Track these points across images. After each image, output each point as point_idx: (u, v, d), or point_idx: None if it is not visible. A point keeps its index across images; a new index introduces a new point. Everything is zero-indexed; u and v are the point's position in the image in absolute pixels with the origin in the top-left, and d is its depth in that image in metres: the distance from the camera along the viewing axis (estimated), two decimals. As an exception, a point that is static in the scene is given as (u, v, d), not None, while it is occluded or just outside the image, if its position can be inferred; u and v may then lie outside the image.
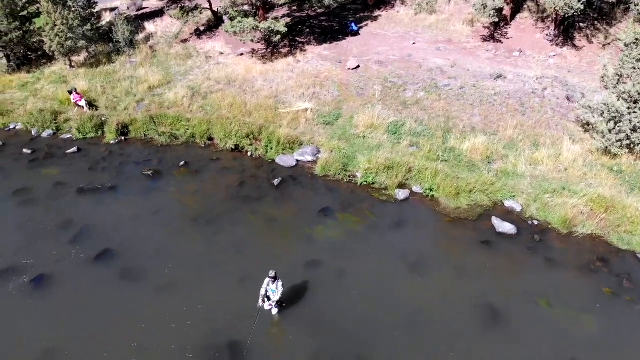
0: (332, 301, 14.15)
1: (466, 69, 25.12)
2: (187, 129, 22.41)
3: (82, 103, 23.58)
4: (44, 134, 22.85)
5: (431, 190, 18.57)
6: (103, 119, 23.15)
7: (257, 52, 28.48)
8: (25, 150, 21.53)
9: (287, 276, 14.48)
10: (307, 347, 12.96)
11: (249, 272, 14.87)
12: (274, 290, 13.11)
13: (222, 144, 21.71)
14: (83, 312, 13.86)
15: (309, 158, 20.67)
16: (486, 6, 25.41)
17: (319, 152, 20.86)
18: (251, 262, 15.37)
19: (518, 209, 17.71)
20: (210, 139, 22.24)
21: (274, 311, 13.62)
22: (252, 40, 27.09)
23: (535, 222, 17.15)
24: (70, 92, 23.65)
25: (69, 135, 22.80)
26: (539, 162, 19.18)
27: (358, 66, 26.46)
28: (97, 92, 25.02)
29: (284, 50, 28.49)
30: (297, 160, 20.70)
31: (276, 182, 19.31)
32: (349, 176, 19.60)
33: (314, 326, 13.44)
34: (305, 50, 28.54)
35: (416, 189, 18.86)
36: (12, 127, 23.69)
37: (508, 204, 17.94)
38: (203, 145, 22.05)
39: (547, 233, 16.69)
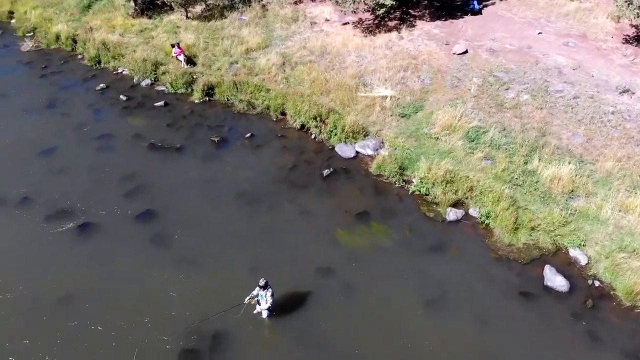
0: (330, 317, 13.61)
1: (590, 75, 21.16)
2: (264, 100, 22.45)
3: (181, 58, 24.79)
4: (143, 83, 24.66)
5: (487, 217, 16.43)
6: (195, 76, 24.16)
7: (363, 22, 27.02)
8: (121, 97, 23.53)
9: (293, 279, 14.30)
10: (287, 355, 12.80)
11: (261, 263, 14.89)
12: (262, 296, 12.95)
13: (292, 121, 21.44)
14: (105, 265, 15.21)
15: (369, 152, 19.51)
16: (631, 3, 20.65)
17: (381, 146, 19.57)
18: (268, 254, 15.35)
19: (582, 261, 14.96)
20: (283, 113, 22.04)
21: (264, 314, 13.49)
22: (354, 12, 25.75)
23: (597, 284, 14.39)
24: (173, 46, 24.94)
25: (162, 88, 24.32)
26: (630, 210, 15.79)
27: (465, 51, 23.79)
28: (199, 48, 26.01)
29: (392, 24, 26.61)
30: (357, 152, 19.68)
31: (326, 172, 18.64)
32: (403, 181, 18.15)
33: (301, 338, 13.14)
34: (414, 26, 26.35)
35: (473, 211, 16.84)
36: (120, 70, 25.90)
37: (573, 253, 15.22)
38: (274, 119, 21.98)
39: (604, 300, 13.94)
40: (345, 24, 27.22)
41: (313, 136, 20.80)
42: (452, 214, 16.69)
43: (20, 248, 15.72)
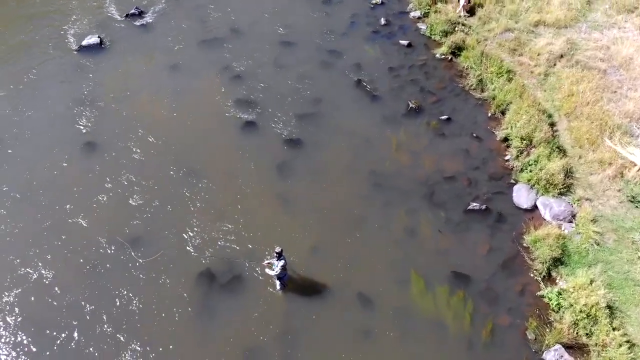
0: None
1: None
2: (495, 89, 18.41)
3: (462, 3, 21.80)
4: (412, 14, 22.87)
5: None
6: (457, 28, 21.18)
7: None
8: (382, 20, 22.41)
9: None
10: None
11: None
12: (275, 265, 12.46)
13: (503, 126, 17.28)
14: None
15: (548, 216, 14.53)
16: None
17: (570, 219, 14.27)
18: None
19: None
20: (503, 113, 17.83)
21: (277, 286, 13.03)
22: None
23: None
24: (461, -11, 22.01)
25: (422, 27, 22.18)
26: None
27: None
28: (499, 0, 22.19)
29: None
30: (535, 207, 14.93)
31: (474, 206, 15.03)
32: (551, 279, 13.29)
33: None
34: None
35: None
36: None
37: None
38: (489, 115, 18.07)
39: None
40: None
41: (507, 157, 16.55)
42: (552, 356, 11.77)
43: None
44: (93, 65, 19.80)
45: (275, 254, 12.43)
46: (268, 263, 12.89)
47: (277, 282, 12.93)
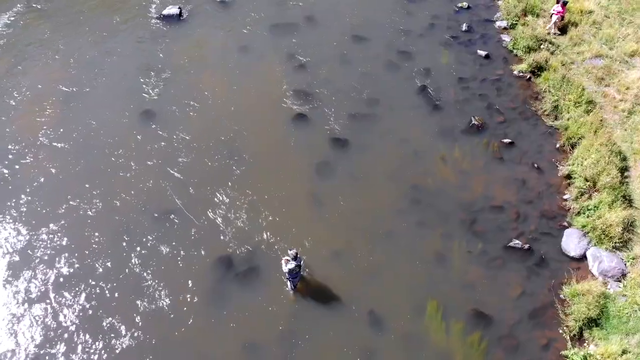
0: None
1: None
2: (570, 118, 16.78)
3: (554, 19, 19.98)
4: (498, 22, 21.30)
5: None
6: (542, 46, 19.45)
7: None
8: (463, 25, 21.15)
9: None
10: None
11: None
12: (287, 264, 12.30)
13: (569, 162, 15.77)
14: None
15: (595, 270, 13.14)
16: None
17: (618, 278, 12.80)
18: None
19: None
20: (573, 146, 16.23)
21: (288, 285, 12.86)
22: None
23: None
24: (558, 1, 20.09)
25: (506, 39, 20.64)
26: None
27: None
28: (589, 20, 20.09)
29: None
30: (584, 258, 13.53)
31: (515, 243, 13.91)
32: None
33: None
34: None
35: None
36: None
37: None
38: (558, 147, 16.54)
39: None
40: None
41: (566, 196, 15.11)
42: None
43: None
44: (168, 35, 20.44)
45: (290, 255, 12.23)
46: (286, 259, 12.73)
47: (288, 282, 12.76)
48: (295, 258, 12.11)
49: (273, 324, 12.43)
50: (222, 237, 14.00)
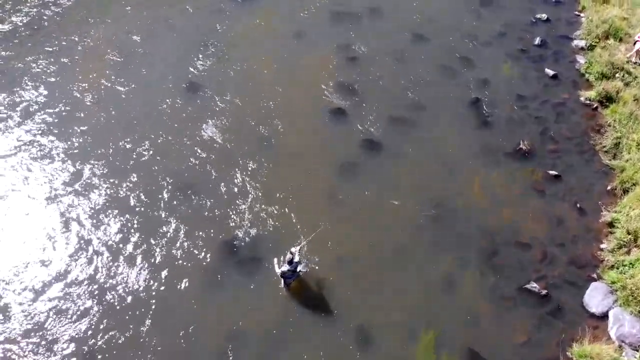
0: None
1: None
2: (629, 160, 15.18)
3: (637, 47, 17.97)
4: (576, 42, 19.64)
5: None
6: (617, 75, 17.56)
7: None
8: (537, 39, 19.67)
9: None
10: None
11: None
12: (283, 263, 12.20)
13: (620, 209, 14.30)
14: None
15: (613, 333, 11.90)
16: None
17: (636, 347, 11.53)
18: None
19: None
20: (625, 191, 14.70)
21: (281, 283, 12.69)
22: None
23: None
24: (644, 37, 18.08)
25: (581, 61, 18.88)
26: None
27: None
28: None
29: None
30: (605, 317, 12.30)
31: (533, 286, 12.88)
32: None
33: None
34: None
35: None
36: (578, 14, 21.17)
37: None
38: (610, 188, 15.03)
39: None
40: None
41: (603, 245, 13.75)
42: None
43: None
44: (229, 13, 20.33)
45: (286, 259, 12.06)
46: (279, 260, 12.53)
47: (282, 280, 12.58)
48: (290, 262, 11.88)
49: (260, 319, 12.27)
50: (230, 221, 13.97)
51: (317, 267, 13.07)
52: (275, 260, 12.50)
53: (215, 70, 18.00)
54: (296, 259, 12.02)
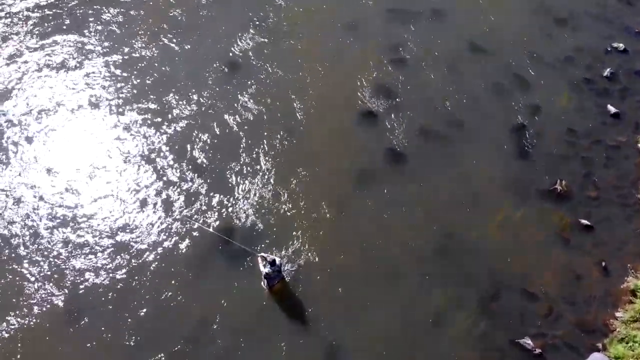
0: None
1: None
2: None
3: None
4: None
5: None
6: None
7: None
8: (607, 71, 17.75)
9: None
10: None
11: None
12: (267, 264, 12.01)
13: (645, 278, 12.91)
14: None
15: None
16: None
17: None
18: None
19: None
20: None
21: (263, 282, 12.48)
22: None
23: None
24: None
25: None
26: None
27: None
28: None
29: None
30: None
31: (525, 343, 11.90)
32: None
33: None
34: None
35: None
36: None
37: None
38: (644, 252, 13.59)
39: None
40: None
41: (619, 314, 12.49)
42: None
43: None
44: (286, -6, 19.81)
45: (269, 259, 11.87)
46: (262, 257, 12.31)
47: (264, 281, 12.35)
48: (273, 263, 11.65)
49: (234, 315, 12.09)
50: (231, 210, 13.85)
51: (304, 277, 12.76)
52: (260, 259, 12.31)
53: (259, 51, 17.65)
54: (278, 261, 11.77)
